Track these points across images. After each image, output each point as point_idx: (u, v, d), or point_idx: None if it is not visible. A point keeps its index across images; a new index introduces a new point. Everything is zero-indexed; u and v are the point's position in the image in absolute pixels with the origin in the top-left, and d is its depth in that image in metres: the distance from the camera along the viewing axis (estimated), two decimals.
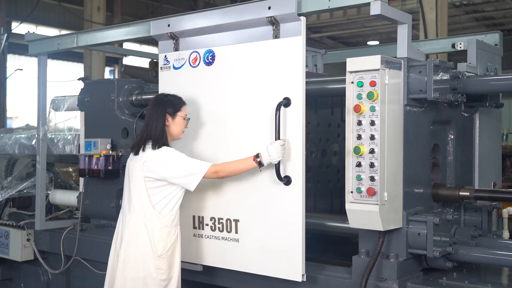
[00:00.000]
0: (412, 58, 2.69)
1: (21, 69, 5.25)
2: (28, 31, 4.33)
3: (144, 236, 2.81)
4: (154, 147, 2.84)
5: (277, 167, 2.76)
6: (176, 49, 3.21)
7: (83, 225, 4.07)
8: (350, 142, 2.60)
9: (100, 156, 3.79)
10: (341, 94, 2.76)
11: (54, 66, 13.57)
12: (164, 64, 3.25)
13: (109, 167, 3.78)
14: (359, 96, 2.57)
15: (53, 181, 4.52)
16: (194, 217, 3.14)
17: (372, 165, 2.53)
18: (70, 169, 5.16)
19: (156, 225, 2.82)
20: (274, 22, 2.81)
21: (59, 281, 4.25)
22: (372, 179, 2.53)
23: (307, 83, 3.14)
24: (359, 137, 2.57)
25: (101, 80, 4.73)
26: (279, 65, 2.81)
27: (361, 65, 2.58)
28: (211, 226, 3.06)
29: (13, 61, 13.74)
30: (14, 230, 4.30)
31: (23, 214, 4.61)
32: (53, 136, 4.43)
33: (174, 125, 2.91)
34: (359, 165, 2.57)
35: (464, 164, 3.09)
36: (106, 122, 3.93)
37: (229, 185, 2.99)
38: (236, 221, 2.97)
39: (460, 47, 3.55)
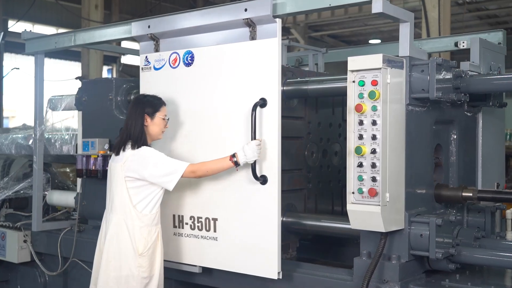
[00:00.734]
0: (414, 57, 2.67)
1: (18, 68, 5.22)
2: (25, 30, 4.30)
3: (125, 235, 2.88)
4: (133, 147, 2.91)
5: (253, 166, 2.82)
6: (157, 50, 3.28)
7: (81, 226, 4.04)
8: (351, 142, 2.58)
9: (98, 156, 3.77)
10: (342, 93, 2.74)
11: (51, 65, 13.52)
12: (145, 65, 3.33)
13: (107, 168, 3.73)
14: (361, 96, 2.55)
15: (50, 181, 4.51)
16: (174, 216, 3.20)
17: (373, 166, 2.51)
18: (68, 170, 5.13)
19: (137, 224, 2.88)
20: (250, 24, 2.87)
21: (56, 283, 4.22)
22: (373, 179, 2.51)
23: (308, 82, 3.15)
24: (360, 137, 2.55)
25: (99, 79, 4.71)
26: (255, 66, 2.88)
27: (362, 64, 2.56)
28: (190, 225, 3.13)
29: (9, 60, 13.67)
30: (11, 231, 4.28)
31: (20, 215, 4.58)
32: (50, 136, 4.41)
33: (153, 125, 2.97)
34: (360, 165, 2.55)
35: (467, 165, 3.07)
36: (104, 121, 3.90)
37: (207, 185, 3.05)
38: (215, 220, 3.04)
39: (463, 46, 3.54)
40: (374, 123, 2.51)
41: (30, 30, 4.36)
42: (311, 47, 3.89)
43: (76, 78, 4.36)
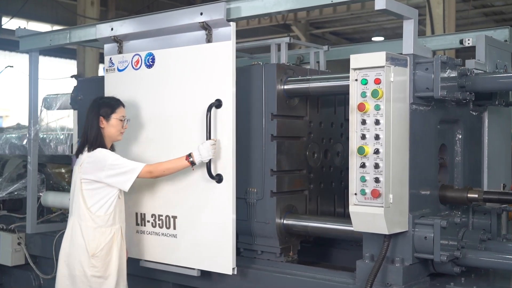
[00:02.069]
0: (419, 55, 2.64)
1: (12, 66, 5.19)
2: (19, 27, 4.27)
3: (79, 236, 2.96)
4: (89, 150, 2.99)
5: (208, 165, 2.94)
6: (120, 52, 3.40)
7: None
8: (354, 142, 2.54)
9: None
10: (345, 92, 2.72)
11: (46, 63, 13.37)
12: (109, 66, 3.45)
13: None
14: (363, 94, 2.52)
15: (45, 182, 4.48)
16: (136, 214, 3.31)
17: (376, 166, 2.48)
18: (63, 170, 5.08)
19: (90, 225, 2.95)
20: (206, 27, 3.00)
21: (51, 287, 4.09)
22: (376, 180, 2.48)
23: (309, 80, 3.11)
24: (363, 137, 2.52)
25: (94, 78, 4.63)
26: (211, 68, 3.00)
27: (365, 62, 2.52)
28: (152, 223, 3.24)
29: (3, 57, 13.61)
30: (5, 234, 4.23)
31: (14, 217, 4.54)
32: (45, 135, 4.40)
33: (110, 127, 3.03)
34: (363, 166, 2.51)
35: (472, 165, 3.04)
36: None
37: (168, 183, 3.16)
38: (174, 217, 3.15)
39: (468, 43, 3.53)
40: (377, 122, 2.48)
41: (24, 27, 4.33)
42: (313, 45, 3.84)
43: (72, 77, 4.35)
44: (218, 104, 2.93)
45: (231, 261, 2.90)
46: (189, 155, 2.92)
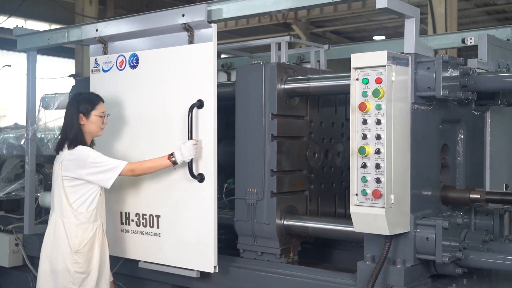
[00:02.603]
0: (420, 54, 2.63)
1: (9, 65, 5.16)
2: (17, 26, 4.26)
3: (62, 232, 2.98)
4: (70, 147, 3.00)
5: (189, 165, 2.99)
6: (105, 53, 3.46)
7: None
8: (355, 142, 2.53)
9: None
10: (346, 91, 2.70)
11: (44, 62, 13.31)
12: (95, 67, 3.51)
13: None
14: (365, 94, 2.51)
15: (43, 183, 4.44)
16: (121, 213, 3.35)
17: (378, 166, 2.46)
18: None
19: (73, 222, 2.98)
20: (188, 28, 3.05)
21: None
22: (378, 181, 2.46)
23: (310, 80, 3.09)
24: (364, 136, 2.51)
25: None
26: (193, 69, 3.05)
27: (366, 61, 2.51)
28: (136, 222, 3.29)
29: (1, 56, 13.55)
30: (2, 235, 4.21)
31: (11, 218, 4.50)
32: (42, 135, 4.37)
33: (90, 123, 3.05)
34: (364, 166, 2.50)
35: (474, 165, 3.03)
36: None
37: (151, 182, 3.21)
38: (158, 216, 3.20)
39: (471, 42, 3.52)
40: (378, 122, 2.47)
41: (22, 26, 4.32)
42: (313, 44, 3.82)
43: (70, 76, 4.37)
44: (199, 104, 2.97)
45: (213, 259, 2.95)
46: (171, 155, 2.96)
